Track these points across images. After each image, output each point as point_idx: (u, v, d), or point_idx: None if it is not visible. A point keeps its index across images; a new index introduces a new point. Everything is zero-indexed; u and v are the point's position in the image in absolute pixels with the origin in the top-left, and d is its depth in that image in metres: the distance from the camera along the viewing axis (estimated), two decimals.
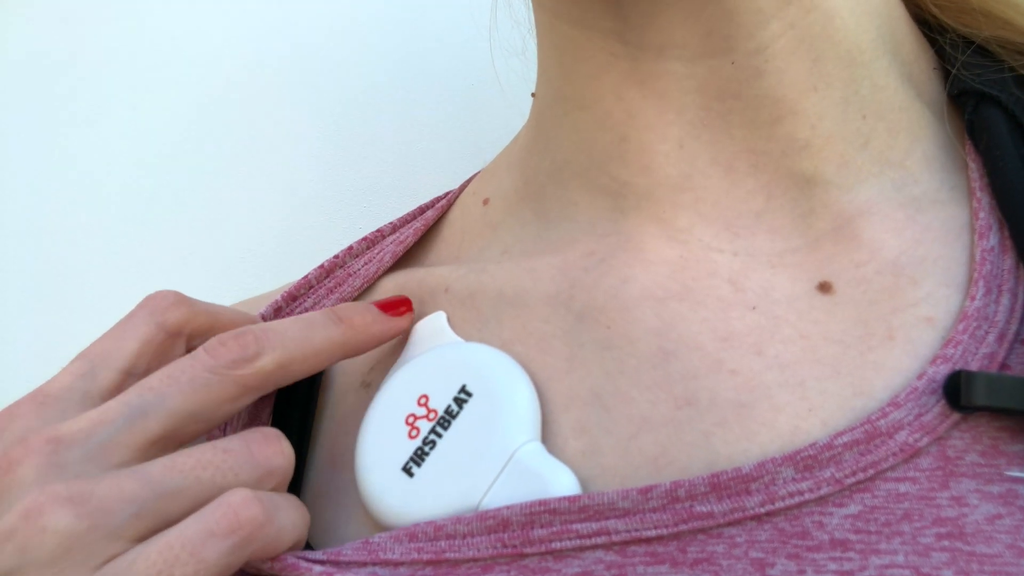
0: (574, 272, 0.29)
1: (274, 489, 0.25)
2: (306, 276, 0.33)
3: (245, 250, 0.53)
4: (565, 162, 0.31)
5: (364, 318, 0.28)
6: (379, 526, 0.26)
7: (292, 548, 0.25)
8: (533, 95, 0.34)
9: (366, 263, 0.34)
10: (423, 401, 0.27)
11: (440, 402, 0.27)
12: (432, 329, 0.30)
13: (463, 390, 0.27)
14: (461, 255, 0.34)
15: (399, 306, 0.30)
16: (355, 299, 0.33)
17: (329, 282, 0.33)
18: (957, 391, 0.23)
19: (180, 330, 0.27)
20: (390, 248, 0.34)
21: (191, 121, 0.56)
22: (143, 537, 0.22)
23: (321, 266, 0.33)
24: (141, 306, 0.27)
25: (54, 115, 0.58)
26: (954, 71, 0.29)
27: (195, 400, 0.25)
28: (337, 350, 0.28)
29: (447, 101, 0.53)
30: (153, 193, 0.56)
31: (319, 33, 0.55)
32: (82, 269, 0.56)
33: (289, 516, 0.24)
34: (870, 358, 0.25)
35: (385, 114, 0.53)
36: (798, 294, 0.27)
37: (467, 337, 0.29)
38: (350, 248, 0.34)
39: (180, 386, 0.24)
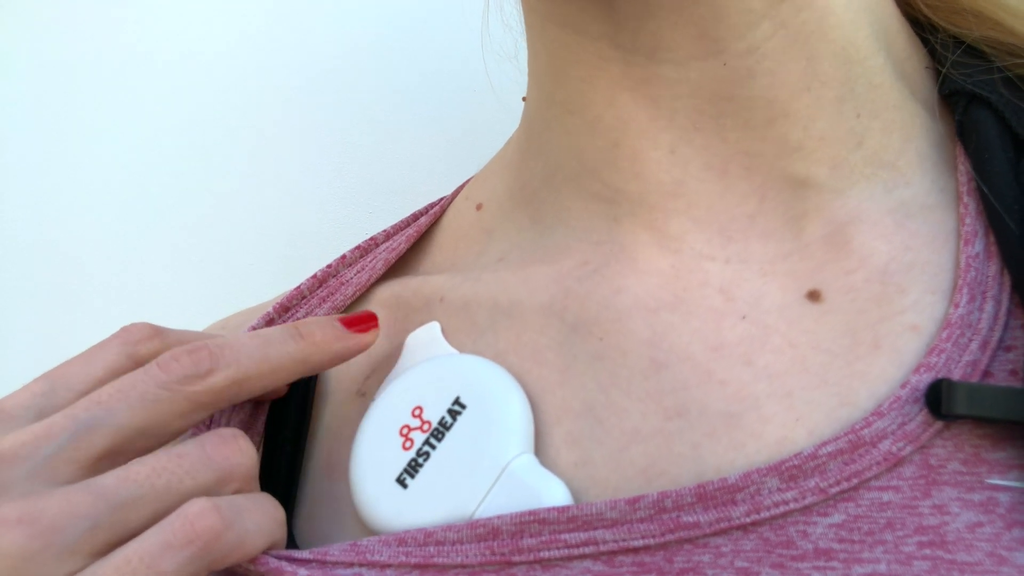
0: (568, 282, 0.29)
1: (240, 490, 0.25)
2: (298, 287, 0.33)
3: (251, 255, 0.53)
4: (557, 167, 0.31)
5: (325, 334, 0.28)
6: (373, 536, 0.27)
7: (272, 548, 0.25)
8: (524, 99, 0.34)
9: (358, 272, 0.34)
10: (417, 412, 0.28)
11: (434, 414, 0.27)
12: (427, 339, 0.30)
13: (457, 402, 0.27)
14: (457, 261, 0.34)
15: (365, 321, 0.29)
16: (347, 308, 0.34)
17: (322, 291, 0.33)
18: (939, 399, 0.23)
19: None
20: (383, 256, 0.34)
21: (199, 127, 0.56)
22: (101, 552, 0.22)
23: (314, 276, 0.33)
24: (115, 335, 0.27)
25: (61, 118, 0.58)
26: (944, 70, 0.29)
27: (144, 415, 0.24)
28: (296, 366, 0.27)
29: (454, 106, 0.53)
30: (160, 198, 0.56)
31: (325, 42, 0.55)
32: (89, 273, 0.56)
33: (255, 519, 0.24)
34: (857, 367, 0.25)
35: (392, 119, 0.53)
36: (788, 303, 0.27)
37: (461, 347, 0.30)
38: (343, 257, 0.34)
39: (129, 401, 0.24)
